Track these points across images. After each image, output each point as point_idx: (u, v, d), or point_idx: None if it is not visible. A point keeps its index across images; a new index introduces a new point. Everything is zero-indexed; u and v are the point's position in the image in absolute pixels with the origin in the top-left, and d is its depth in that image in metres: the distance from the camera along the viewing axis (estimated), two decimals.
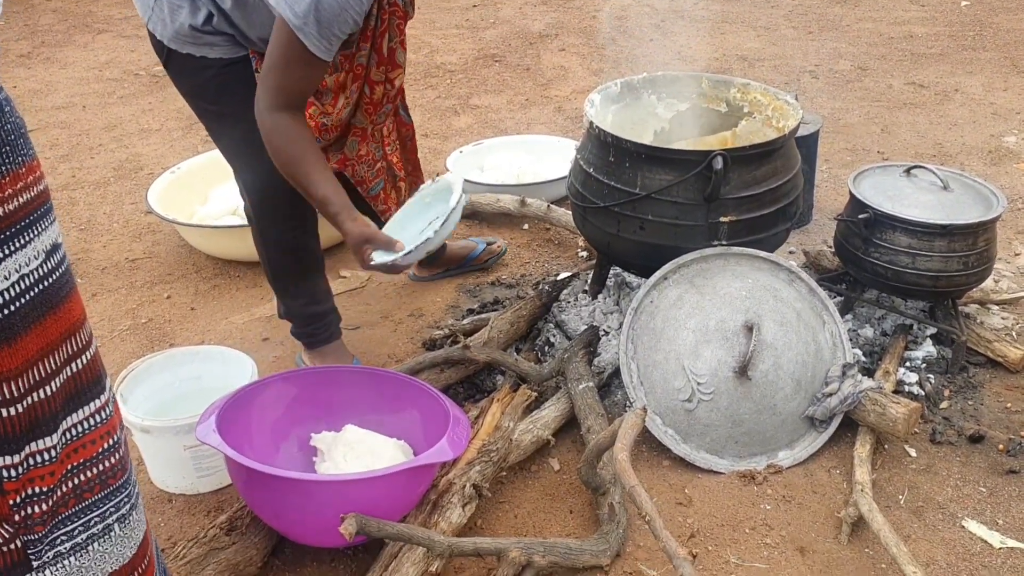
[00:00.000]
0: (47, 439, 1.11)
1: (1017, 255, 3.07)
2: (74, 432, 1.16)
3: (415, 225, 2.10)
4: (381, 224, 2.28)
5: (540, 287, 2.77)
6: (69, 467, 1.16)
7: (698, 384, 2.14)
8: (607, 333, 2.51)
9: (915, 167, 2.55)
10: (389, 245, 1.96)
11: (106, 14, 6.73)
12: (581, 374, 2.29)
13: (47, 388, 1.10)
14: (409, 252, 1.93)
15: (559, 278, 2.83)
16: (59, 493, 1.15)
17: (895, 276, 2.41)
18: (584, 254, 3.17)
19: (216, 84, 2.10)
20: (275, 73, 1.87)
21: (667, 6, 6.35)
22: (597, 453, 1.90)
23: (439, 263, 3.02)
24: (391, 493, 1.81)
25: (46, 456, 1.11)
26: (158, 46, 2.11)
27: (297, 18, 1.78)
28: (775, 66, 5.06)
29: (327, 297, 2.50)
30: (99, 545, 1.21)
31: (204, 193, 3.43)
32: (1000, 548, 1.93)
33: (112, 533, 1.22)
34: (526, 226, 3.39)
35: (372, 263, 1.95)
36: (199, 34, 2.03)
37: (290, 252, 2.37)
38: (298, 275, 2.40)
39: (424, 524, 1.86)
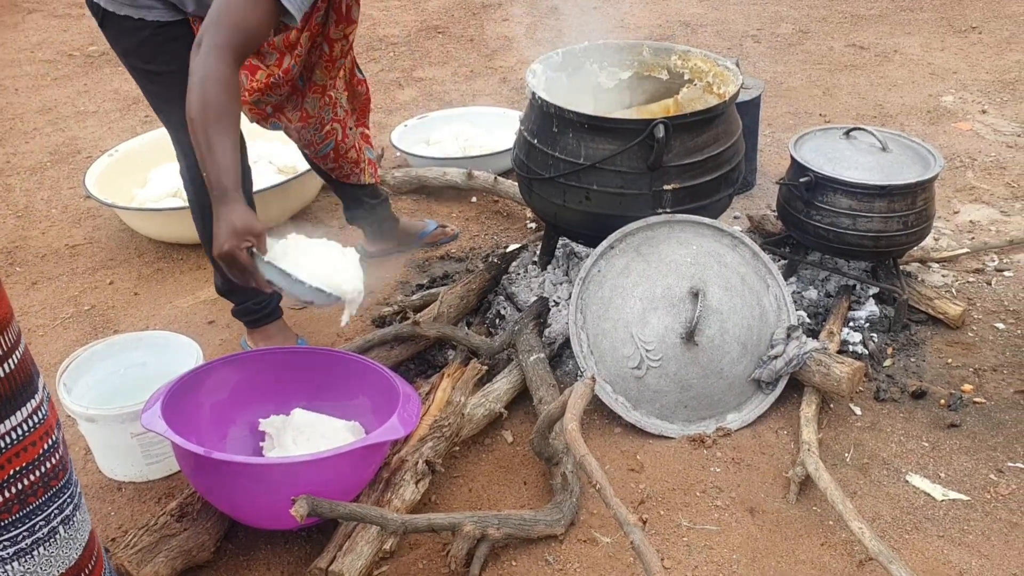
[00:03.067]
0: None
1: (956, 213, 3.13)
2: (12, 437, 1.13)
3: (307, 260, 1.86)
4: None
5: (489, 260, 2.76)
6: (11, 472, 1.13)
7: (647, 351, 2.16)
8: (557, 304, 2.52)
9: (855, 129, 2.58)
10: (266, 250, 1.81)
11: None
12: (532, 346, 2.30)
13: None
14: (276, 270, 1.78)
15: (508, 250, 2.83)
16: (1, 499, 1.13)
17: (837, 238, 2.44)
18: (532, 225, 3.17)
19: (152, 44, 2.07)
20: (228, 9, 1.79)
21: None
22: (548, 424, 1.91)
23: (390, 240, 3.00)
24: (342, 473, 1.80)
25: None
26: (94, 7, 2.08)
27: None
28: (717, 31, 5.07)
29: None
30: (44, 549, 1.19)
31: (144, 176, 3.36)
32: (942, 500, 1.98)
33: (57, 536, 1.20)
34: (474, 199, 3.38)
35: (237, 254, 1.75)
36: None
37: None
38: None
39: (377, 502, 1.85)
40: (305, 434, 2.00)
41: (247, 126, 2.32)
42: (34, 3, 6.27)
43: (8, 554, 1.15)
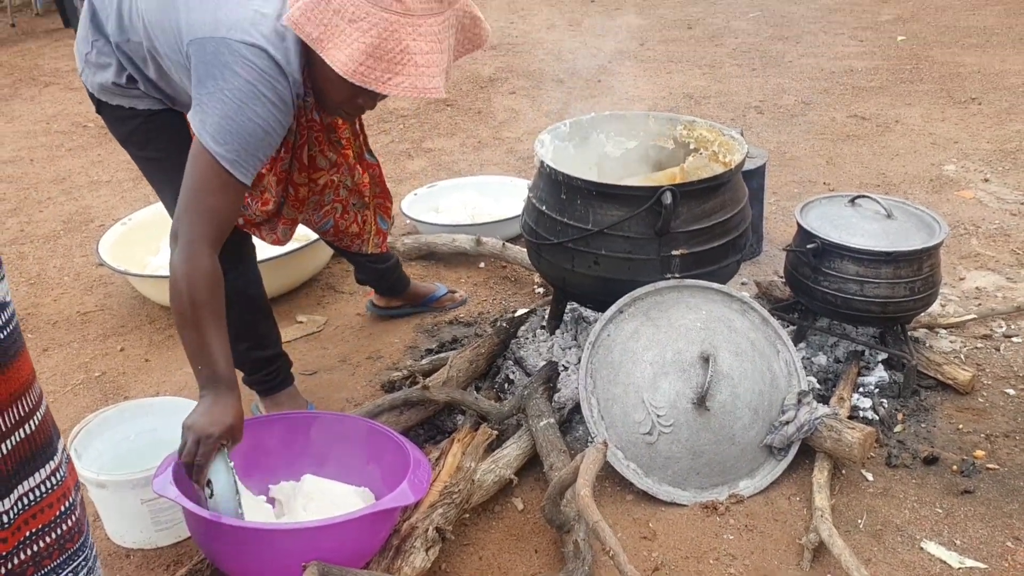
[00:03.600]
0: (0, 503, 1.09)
1: (962, 280, 3.15)
2: (30, 498, 1.13)
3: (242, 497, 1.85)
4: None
5: (498, 324, 2.78)
6: (27, 534, 1.13)
7: (658, 416, 2.16)
8: (566, 368, 2.52)
9: (860, 197, 2.61)
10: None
11: (53, 67, 6.69)
12: (542, 411, 2.30)
13: None
14: (222, 497, 1.76)
15: (516, 315, 2.84)
16: (16, 561, 1.12)
17: (845, 304, 2.46)
18: (540, 290, 3.19)
19: (143, 132, 2.12)
20: (197, 200, 1.79)
21: (613, 48, 6.48)
22: (560, 490, 1.90)
23: (400, 297, 3.02)
24: (353, 539, 1.79)
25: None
26: (91, 96, 2.14)
27: (220, 146, 1.75)
28: (721, 103, 5.17)
29: (274, 343, 2.47)
30: None
31: (156, 243, 3.40)
32: (959, 568, 1.95)
33: None
34: (482, 264, 3.41)
35: (203, 448, 1.73)
36: (126, 90, 2.06)
37: (228, 298, 2.34)
38: (238, 321, 2.37)
39: (387, 570, 1.84)
40: (315, 500, 1.99)
41: None
42: (51, 76, 6.43)
43: None
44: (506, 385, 2.57)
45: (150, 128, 2.11)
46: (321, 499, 1.99)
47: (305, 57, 1.86)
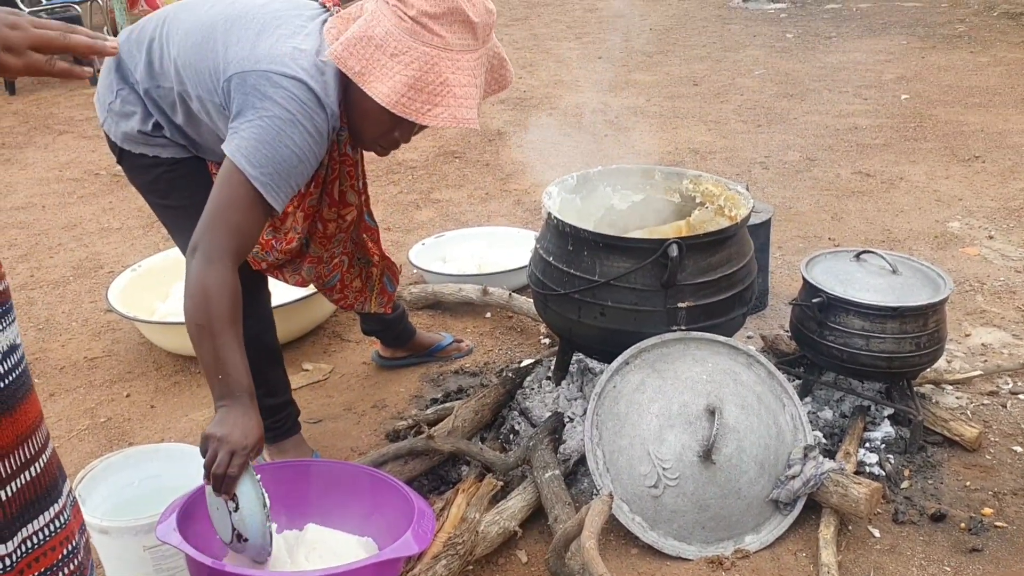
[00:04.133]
0: (2, 547, 1.08)
1: (967, 336, 3.15)
2: (33, 541, 1.13)
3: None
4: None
5: (503, 375, 2.78)
6: None
7: (663, 469, 2.15)
8: (572, 420, 2.52)
9: (865, 252, 2.63)
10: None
11: (67, 115, 6.79)
12: (547, 462, 2.29)
13: (2, 494, 1.07)
14: (260, 505, 1.78)
15: (522, 365, 2.85)
16: None
17: (850, 358, 2.46)
18: (546, 341, 3.19)
19: (166, 180, 2.16)
20: (224, 216, 1.82)
21: (620, 103, 6.56)
22: (565, 542, 1.89)
23: (405, 347, 3.03)
24: None
25: (2, 564, 1.08)
26: (112, 145, 2.17)
27: (255, 168, 1.80)
28: (726, 158, 5.22)
29: (284, 390, 2.48)
30: None
31: (165, 290, 3.42)
32: None
33: None
34: (488, 315, 3.42)
35: (236, 476, 1.74)
36: (150, 138, 2.10)
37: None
38: (254, 362, 2.38)
39: None
40: (318, 550, 1.98)
41: None
42: (64, 125, 6.52)
43: None
44: (511, 436, 2.57)
45: (173, 177, 2.15)
46: (324, 548, 1.98)
47: (343, 92, 1.92)
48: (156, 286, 3.41)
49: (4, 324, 1.08)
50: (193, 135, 2.10)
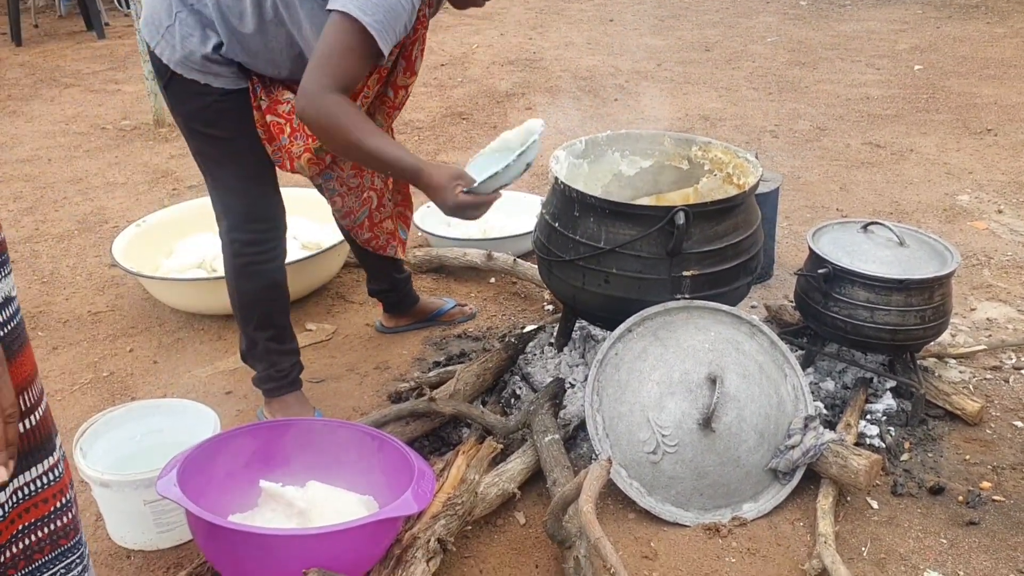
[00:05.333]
0: None
1: (973, 310, 3.14)
2: (25, 492, 1.14)
3: (495, 166, 2.11)
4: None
5: (506, 340, 2.78)
6: (20, 527, 1.14)
7: (663, 436, 2.16)
8: (573, 386, 2.52)
9: (872, 223, 2.61)
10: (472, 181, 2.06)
11: (74, 68, 6.75)
12: (547, 426, 2.30)
13: None
14: (487, 180, 2.03)
15: (525, 331, 2.85)
16: (8, 554, 1.13)
17: (854, 330, 2.45)
18: (550, 307, 3.19)
19: (215, 109, 2.19)
20: (335, 60, 1.94)
21: (631, 68, 6.50)
22: (563, 506, 1.90)
23: (408, 314, 3.04)
24: (354, 547, 1.79)
25: None
26: (161, 69, 2.18)
27: (367, 15, 1.90)
28: (736, 126, 5.18)
29: (291, 340, 2.52)
30: None
31: (169, 246, 3.42)
32: None
33: None
34: (493, 280, 3.42)
35: (461, 199, 2.02)
36: (208, 63, 2.13)
37: (261, 278, 2.39)
38: (268, 304, 2.42)
39: None
40: (319, 507, 1.99)
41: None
42: (71, 78, 6.48)
43: None
44: (512, 400, 2.57)
45: (222, 108, 2.19)
46: (325, 506, 1.99)
47: None
48: (160, 242, 3.41)
49: (0, 275, 1.08)
50: (257, 46, 2.12)
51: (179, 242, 3.42)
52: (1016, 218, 3.87)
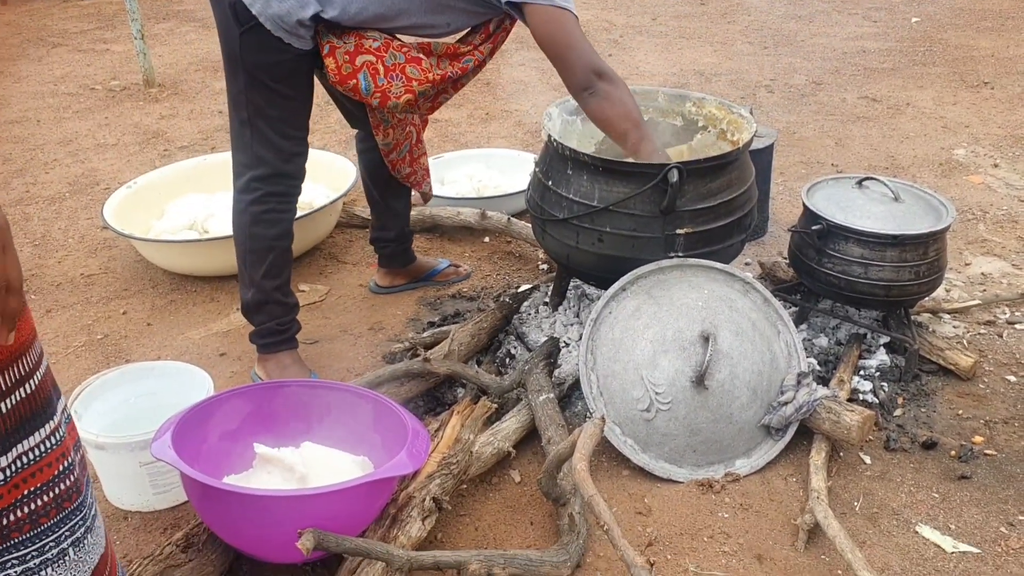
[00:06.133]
0: None
1: (967, 265, 3.13)
2: (28, 457, 1.14)
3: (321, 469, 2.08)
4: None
5: (501, 299, 2.78)
6: (25, 492, 1.14)
7: (656, 394, 2.16)
8: (567, 345, 2.52)
9: (867, 179, 2.59)
10: None
11: (61, 28, 6.66)
12: (542, 385, 2.30)
13: None
14: None
15: (520, 290, 2.84)
16: (12, 518, 1.13)
17: (848, 286, 2.45)
18: (544, 267, 3.18)
19: (288, 68, 2.24)
20: (582, 44, 2.19)
21: (625, 22, 6.42)
22: (557, 464, 1.91)
23: (403, 272, 3.03)
24: (350, 507, 1.80)
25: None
26: (246, 16, 2.17)
27: (568, 3, 2.17)
28: (731, 81, 5.13)
29: (294, 296, 2.53)
30: (52, 570, 1.19)
31: (161, 208, 3.40)
32: (952, 552, 1.96)
33: (67, 557, 1.20)
34: (487, 239, 3.41)
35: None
36: (299, 27, 2.17)
37: (278, 226, 2.41)
38: (280, 252, 2.44)
39: (383, 538, 1.85)
40: (314, 468, 2.00)
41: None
42: (59, 38, 6.40)
43: (16, 572, 1.15)
44: (507, 360, 2.58)
45: (295, 68, 2.25)
46: (320, 466, 2.00)
47: None
48: (152, 204, 3.39)
49: None
50: (357, 8, 2.18)
51: (170, 204, 3.40)
52: (1012, 172, 3.86)
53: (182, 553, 1.81)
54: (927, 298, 2.64)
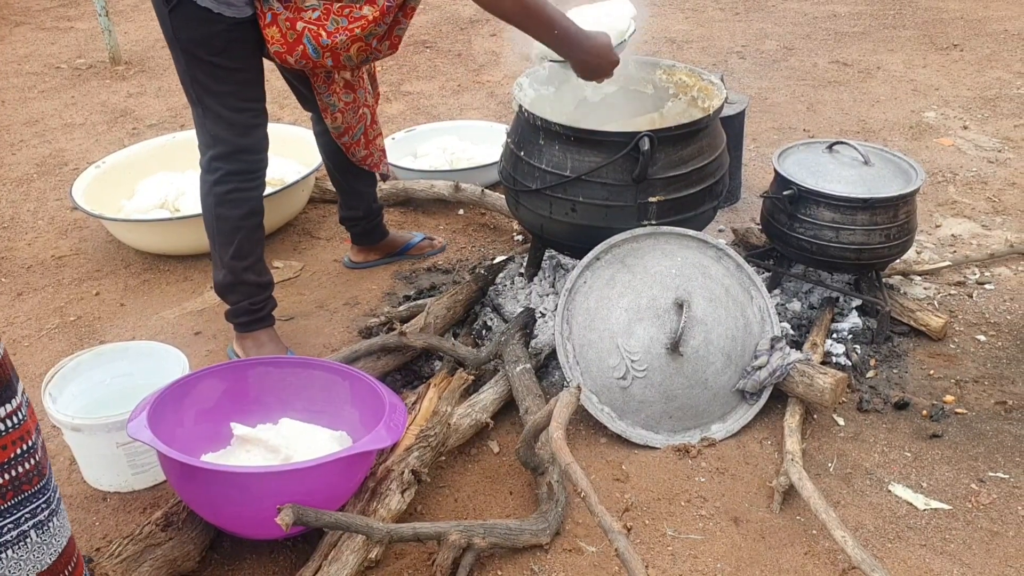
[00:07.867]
0: None
1: (938, 227, 3.16)
2: None
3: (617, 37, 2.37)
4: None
5: (476, 271, 2.78)
6: None
7: (632, 361, 2.18)
8: (543, 315, 2.53)
9: (837, 143, 2.61)
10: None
11: (23, 5, 6.53)
12: (518, 356, 2.31)
13: None
14: (618, 44, 2.34)
15: (495, 262, 2.84)
16: None
17: (820, 250, 2.47)
18: (519, 238, 3.18)
19: (225, 39, 2.19)
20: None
21: None
22: (534, 433, 1.92)
23: (376, 248, 3.02)
24: (328, 482, 1.80)
25: None
26: None
27: None
28: (703, 48, 5.12)
29: (268, 273, 2.51)
30: (13, 552, 1.18)
31: (131, 187, 3.36)
32: (924, 510, 2.00)
33: (28, 540, 1.20)
34: (461, 211, 3.40)
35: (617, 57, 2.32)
36: None
37: (244, 205, 2.38)
38: (249, 231, 2.41)
39: (363, 512, 1.86)
40: (293, 444, 2.00)
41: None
42: (21, 16, 6.27)
43: None
44: (483, 331, 2.58)
45: (232, 38, 2.19)
46: (298, 442, 2.00)
47: None
48: (121, 183, 3.35)
49: None
50: None
51: (140, 183, 3.36)
52: (981, 133, 3.89)
53: (162, 532, 1.82)
54: (898, 261, 2.67)
